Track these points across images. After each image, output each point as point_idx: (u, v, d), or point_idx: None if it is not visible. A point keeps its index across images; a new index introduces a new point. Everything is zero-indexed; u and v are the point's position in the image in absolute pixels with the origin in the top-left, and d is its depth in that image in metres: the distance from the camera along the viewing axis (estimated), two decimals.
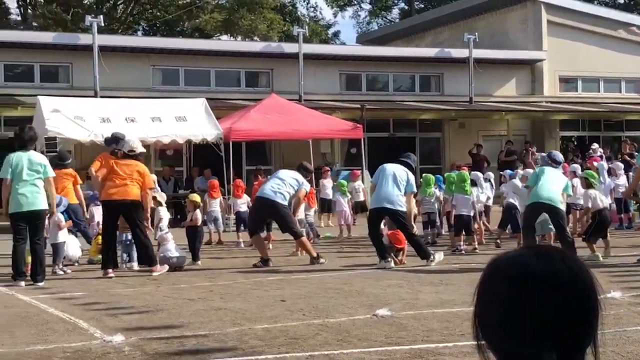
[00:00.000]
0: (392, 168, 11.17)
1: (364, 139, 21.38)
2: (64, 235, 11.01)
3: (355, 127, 20.68)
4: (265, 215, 11.81)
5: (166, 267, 10.75)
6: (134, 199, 10.63)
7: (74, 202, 12.38)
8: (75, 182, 12.76)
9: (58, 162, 12.44)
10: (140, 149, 11.22)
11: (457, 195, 12.81)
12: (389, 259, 10.81)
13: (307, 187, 11.93)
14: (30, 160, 9.90)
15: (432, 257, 10.98)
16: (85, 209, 12.77)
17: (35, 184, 9.86)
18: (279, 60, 25.95)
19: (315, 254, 11.38)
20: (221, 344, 6.00)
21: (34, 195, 9.81)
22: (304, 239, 11.86)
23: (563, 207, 11.11)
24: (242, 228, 14.62)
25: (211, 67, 25.76)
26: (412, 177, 11.28)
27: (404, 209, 11.06)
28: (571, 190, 12.18)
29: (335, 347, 5.81)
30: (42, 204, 9.89)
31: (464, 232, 12.74)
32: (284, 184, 11.40)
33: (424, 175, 14.49)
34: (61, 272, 10.78)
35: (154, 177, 14.11)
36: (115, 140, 11.15)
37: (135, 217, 10.66)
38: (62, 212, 11.10)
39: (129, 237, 10.95)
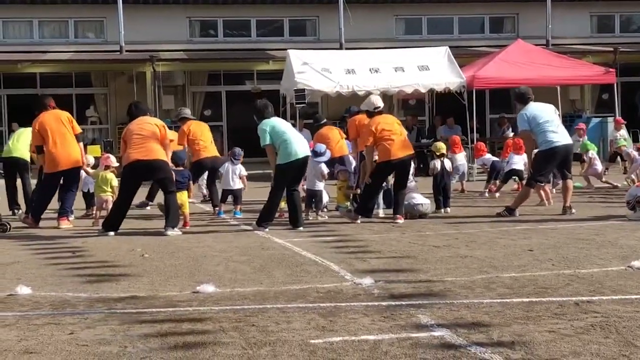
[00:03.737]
0: None
1: (616, 84, 20.26)
2: (321, 184, 11.49)
3: (607, 71, 19.62)
4: (562, 162, 11.25)
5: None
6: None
7: None
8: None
9: (315, 124, 14.73)
10: (381, 104, 11.30)
11: None
12: None
13: None
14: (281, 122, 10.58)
15: None
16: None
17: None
18: (525, 4, 25.07)
19: (569, 204, 11.04)
20: (468, 290, 6.00)
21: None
22: (571, 182, 11.44)
23: None
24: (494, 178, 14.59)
25: (454, 14, 25.42)
26: None
27: None
28: None
29: (588, 298, 5.61)
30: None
31: None
32: (561, 126, 11.05)
33: None
34: (318, 217, 11.27)
35: None
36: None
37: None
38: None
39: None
